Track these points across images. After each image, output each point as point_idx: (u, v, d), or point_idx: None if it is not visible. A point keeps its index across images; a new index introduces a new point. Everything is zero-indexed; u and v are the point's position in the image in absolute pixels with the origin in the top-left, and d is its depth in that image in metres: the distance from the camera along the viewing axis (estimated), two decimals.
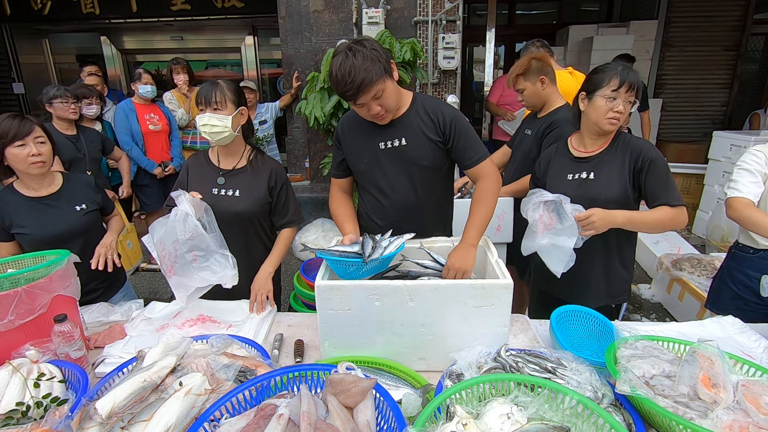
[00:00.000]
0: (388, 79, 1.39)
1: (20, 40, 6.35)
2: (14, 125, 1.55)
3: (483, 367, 1.09)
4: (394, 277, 1.41)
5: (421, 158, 1.54)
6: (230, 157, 1.70)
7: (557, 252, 1.49)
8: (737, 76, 5.98)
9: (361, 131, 1.59)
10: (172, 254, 1.45)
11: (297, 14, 4.10)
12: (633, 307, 3.31)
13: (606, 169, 1.58)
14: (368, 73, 1.32)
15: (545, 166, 1.75)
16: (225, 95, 1.55)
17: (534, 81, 2.18)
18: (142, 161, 3.59)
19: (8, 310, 1.14)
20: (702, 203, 4.22)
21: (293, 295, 2.65)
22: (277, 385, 1.01)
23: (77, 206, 1.71)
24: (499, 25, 5.84)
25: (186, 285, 1.47)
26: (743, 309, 1.74)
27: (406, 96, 1.56)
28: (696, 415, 0.88)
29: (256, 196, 1.68)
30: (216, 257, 1.47)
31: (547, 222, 1.53)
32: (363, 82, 1.32)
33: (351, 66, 1.31)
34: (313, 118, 3.54)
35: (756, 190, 1.63)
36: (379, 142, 1.55)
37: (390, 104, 1.44)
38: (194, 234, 1.43)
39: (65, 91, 2.85)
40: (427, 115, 1.53)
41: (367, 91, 1.35)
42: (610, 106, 1.49)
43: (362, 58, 1.32)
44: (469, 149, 1.54)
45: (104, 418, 0.88)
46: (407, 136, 1.53)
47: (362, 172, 1.64)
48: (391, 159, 1.56)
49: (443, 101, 1.63)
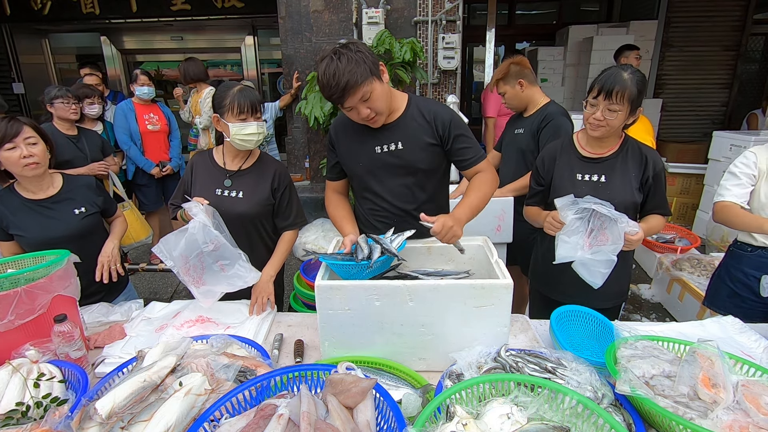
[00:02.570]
0: (375, 80, 1.37)
1: (20, 40, 6.35)
2: (1, 127, 1.53)
3: (483, 367, 1.09)
4: (394, 277, 1.41)
5: (418, 161, 1.53)
6: (237, 159, 1.71)
7: (599, 265, 1.45)
8: (737, 76, 5.98)
9: (356, 135, 1.57)
10: (198, 266, 1.47)
11: (297, 14, 4.10)
12: (633, 307, 3.31)
13: (618, 174, 1.58)
14: (353, 75, 1.31)
15: (550, 164, 1.70)
16: (261, 102, 1.61)
17: (513, 84, 2.28)
18: (140, 161, 3.59)
19: (8, 310, 1.14)
20: (702, 203, 4.22)
21: (293, 295, 2.65)
22: (277, 385, 1.01)
23: (76, 209, 1.69)
24: (499, 25, 5.85)
25: (213, 292, 1.50)
26: (741, 306, 1.76)
27: (400, 98, 1.54)
28: (696, 415, 0.88)
29: (259, 198, 1.68)
30: (240, 263, 1.50)
31: (597, 236, 1.46)
32: (347, 85, 1.31)
33: (335, 69, 1.31)
34: (313, 118, 3.54)
35: (739, 191, 1.69)
36: (375, 146, 1.54)
37: (379, 107, 1.41)
38: (217, 245, 1.45)
39: (66, 91, 2.85)
40: (422, 117, 1.52)
41: (352, 93, 1.34)
42: (590, 112, 1.51)
43: (347, 61, 1.31)
44: (467, 150, 1.54)
45: (104, 418, 0.88)
46: (403, 140, 1.52)
47: (359, 176, 1.62)
48: (387, 163, 1.55)
49: (439, 102, 1.62)
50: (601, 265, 1.43)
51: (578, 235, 1.46)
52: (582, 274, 1.47)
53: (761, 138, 3.59)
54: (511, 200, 2.40)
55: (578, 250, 1.46)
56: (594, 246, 1.45)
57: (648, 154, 1.58)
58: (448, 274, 1.40)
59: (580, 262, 1.46)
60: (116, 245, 1.75)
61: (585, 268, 1.46)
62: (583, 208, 1.45)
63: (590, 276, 1.46)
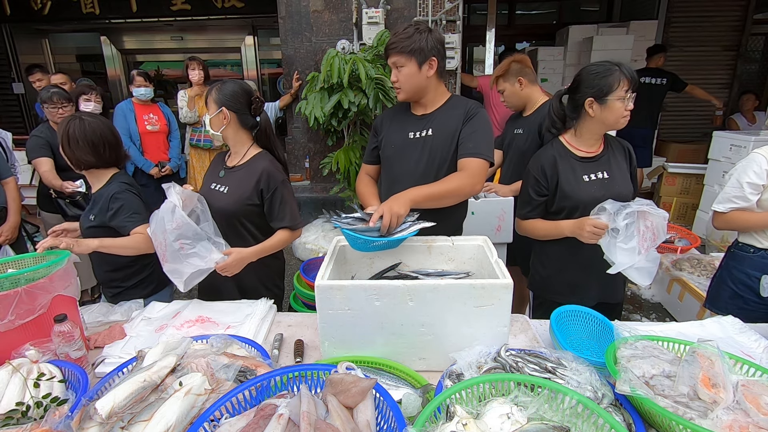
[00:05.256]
0: (413, 61, 1.54)
1: (20, 40, 6.35)
2: None
3: (483, 367, 1.09)
4: (394, 277, 1.41)
5: (444, 149, 1.62)
6: (235, 155, 1.75)
7: (650, 265, 1.44)
8: (737, 76, 5.98)
9: (397, 122, 1.74)
10: (163, 243, 1.50)
11: (297, 14, 4.11)
12: (633, 307, 3.31)
13: (615, 167, 1.63)
14: (400, 43, 1.52)
15: (552, 171, 1.63)
16: (210, 96, 1.64)
17: (513, 82, 2.28)
18: (139, 161, 3.59)
19: (8, 310, 1.14)
20: (702, 203, 4.22)
21: (293, 295, 2.65)
22: (277, 385, 1.00)
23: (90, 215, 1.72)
24: (499, 25, 5.85)
25: (180, 271, 1.50)
26: (743, 308, 1.75)
27: (442, 94, 1.67)
28: (696, 415, 0.88)
29: (240, 196, 1.65)
30: (203, 243, 1.51)
31: (646, 236, 1.44)
32: (389, 45, 1.55)
33: (398, 31, 1.55)
34: (313, 118, 3.55)
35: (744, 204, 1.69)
36: (409, 132, 1.68)
37: (405, 83, 1.58)
38: (180, 223, 1.47)
39: (53, 94, 2.72)
40: (456, 109, 1.63)
41: (391, 54, 1.56)
42: (623, 106, 1.50)
43: (408, 33, 1.52)
44: (472, 140, 1.57)
45: (104, 418, 0.88)
46: (434, 128, 1.64)
47: (388, 158, 1.75)
48: (416, 147, 1.65)
49: (482, 106, 1.69)
50: (652, 264, 1.46)
51: (633, 240, 1.43)
52: (633, 277, 1.47)
53: (761, 138, 3.59)
54: (511, 200, 2.40)
55: (635, 255, 1.43)
56: (649, 248, 1.44)
57: (626, 145, 1.68)
58: (448, 274, 1.40)
59: (636, 266, 1.44)
60: None
61: (637, 270, 1.45)
62: (632, 211, 1.43)
63: (641, 278, 1.46)
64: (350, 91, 3.44)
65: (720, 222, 1.77)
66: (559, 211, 1.65)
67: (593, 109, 1.53)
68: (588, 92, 1.53)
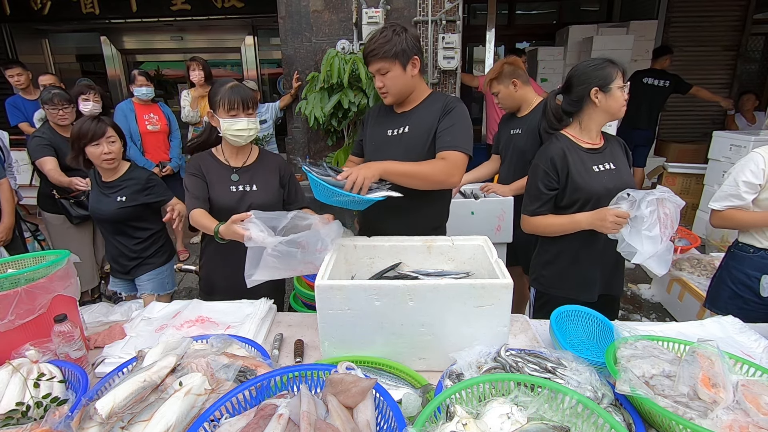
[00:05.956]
0: (397, 64, 1.54)
1: (20, 40, 6.35)
2: (91, 128, 1.91)
3: (483, 367, 1.09)
4: (394, 277, 1.41)
5: (419, 145, 1.62)
6: (240, 155, 1.76)
7: (666, 254, 1.43)
8: (737, 76, 5.97)
9: (380, 118, 1.76)
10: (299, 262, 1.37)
11: (297, 14, 4.10)
12: (633, 307, 3.31)
13: (618, 158, 1.67)
14: (380, 48, 1.51)
15: (562, 163, 1.60)
16: (253, 99, 1.64)
17: (507, 84, 2.31)
18: (140, 161, 3.59)
19: (8, 310, 1.14)
20: (702, 203, 4.21)
21: (293, 295, 2.65)
22: (277, 385, 1.00)
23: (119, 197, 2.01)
24: (499, 25, 5.85)
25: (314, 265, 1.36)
26: (743, 308, 1.75)
27: (423, 91, 1.68)
28: (696, 415, 0.88)
29: (272, 188, 1.78)
30: (314, 253, 1.38)
31: (669, 225, 1.44)
32: (372, 52, 1.53)
33: (375, 37, 1.54)
34: (313, 118, 3.54)
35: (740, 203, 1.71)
36: (388, 130, 1.70)
37: (392, 87, 1.58)
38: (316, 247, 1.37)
39: (54, 95, 2.70)
40: (434, 104, 1.63)
41: (374, 61, 1.54)
42: (621, 95, 1.56)
43: (386, 37, 1.51)
44: (450, 134, 1.56)
45: (104, 418, 0.88)
46: (411, 125, 1.65)
47: (368, 154, 1.79)
48: (394, 145, 1.67)
49: (461, 100, 1.68)
50: (668, 252, 1.45)
51: (656, 228, 1.42)
52: (651, 267, 1.46)
53: (761, 138, 3.59)
54: (511, 200, 2.41)
55: (658, 243, 1.42)
56: (668, 236, 1.45)
57: (621, 141, 1.74)
58: (448, 274, 1.40)
59: (657, 254, 1.43)
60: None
61: (656, 259, 1.44)
62: (654, 198, 1.42)
63: (659, 267, 1.45)
64: (350, 91, 3.44)
65: (717, 219, 1.79)
66: (571, 204, 1.62)
67: (598, 99, 1.57)
68: (592, 83, 1.57)
